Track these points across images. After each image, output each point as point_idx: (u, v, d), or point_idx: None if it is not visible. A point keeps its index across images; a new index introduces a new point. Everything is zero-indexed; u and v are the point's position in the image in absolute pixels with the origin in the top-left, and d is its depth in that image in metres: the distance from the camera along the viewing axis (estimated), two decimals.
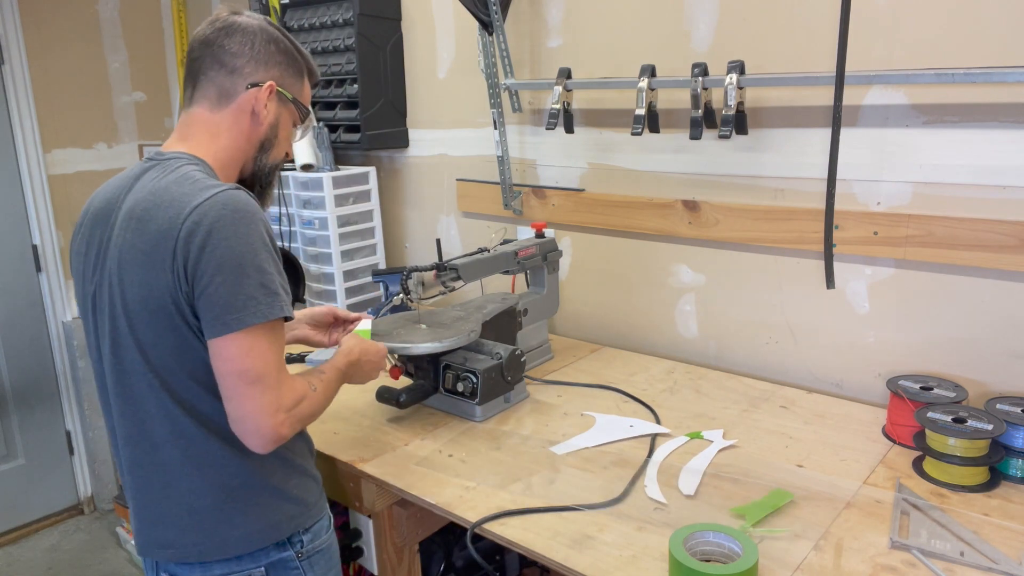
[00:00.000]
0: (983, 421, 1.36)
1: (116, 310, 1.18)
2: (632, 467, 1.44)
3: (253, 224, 1.15)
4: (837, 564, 1.13)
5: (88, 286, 1.25)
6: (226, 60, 1.25)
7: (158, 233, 1.14)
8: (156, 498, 1.23)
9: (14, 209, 3.00)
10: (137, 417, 1.21)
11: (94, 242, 1.24)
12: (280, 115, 1.32)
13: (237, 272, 1.12)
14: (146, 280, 1.14)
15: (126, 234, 1.18)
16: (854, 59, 1.53)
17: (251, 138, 1.30)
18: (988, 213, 1.51)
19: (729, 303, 1.93)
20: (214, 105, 1.26)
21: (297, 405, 1.19)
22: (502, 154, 2.21)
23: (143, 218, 1.16)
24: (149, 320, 1.15)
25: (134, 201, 1.20)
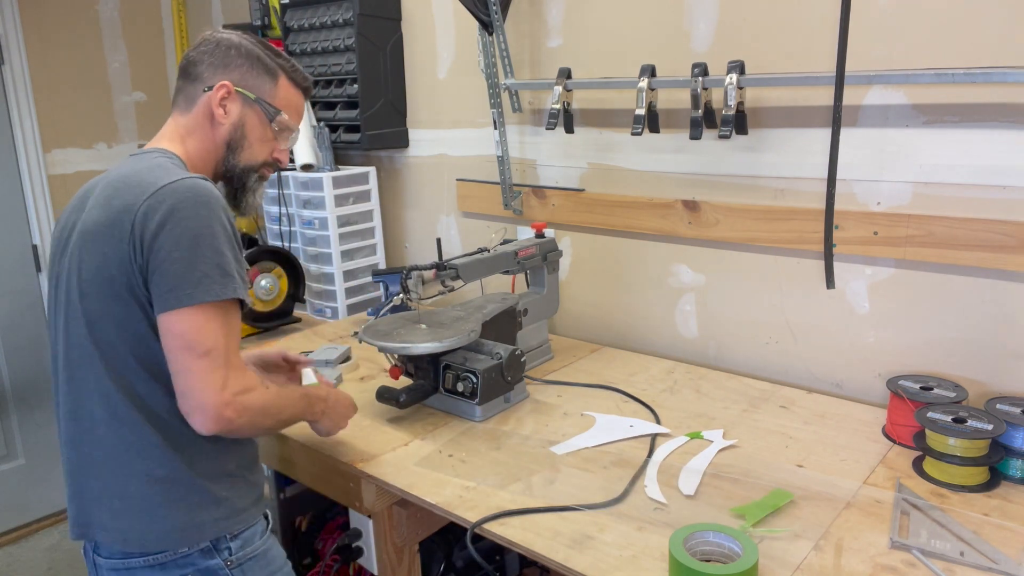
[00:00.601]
0: (983, 421, 1.37)
1: (71, 283, 1.23)
2: (632, 467, 1.44)
3: (213, 209, 1.19)
4: (837, 564, 1.13)
5: (54, 267, 1.30)
6: (189, 69, 1.36)
7: (120, 209, 1.18)
8: (91, 477, 1.25)
9: (14, 209, 3.00)
10: (79, 393, 1.24)
11: (67, 227, 1.28)
12: (244, 116, 1.36)
13: (194, 249, 1.15)
14: (102, 251, 1.18)
15: (92, 211, 1.23)
16: (854, 59, 1.53)
17: (216, 139, 1.35)
18: (988, 213, 1.51)
19: (729, 303, 1.93)
20: (182, 110, 1.36)
21: (246, 392, 1.19)
22: (502, 154, 2.22)
23: (109, 196, 1.22)
24: (98, 291, 1.19)
25: (104, 184, 1.26)
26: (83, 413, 1.24)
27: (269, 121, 1.39)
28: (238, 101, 1.35)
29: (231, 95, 1.34)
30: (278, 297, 2.38)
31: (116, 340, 1.20)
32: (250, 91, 1.36)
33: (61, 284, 1.26)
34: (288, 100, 1.41)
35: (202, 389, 1.15)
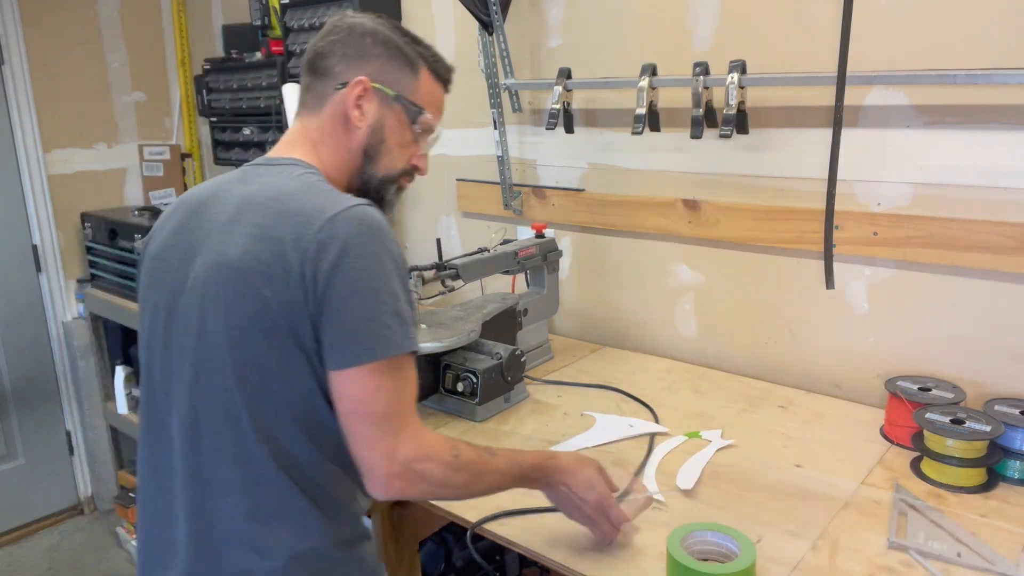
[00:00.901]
0: (981, 422, 1.36)
1: (208, 324, 1.02)
2: (631, 467, 1.44)
3: (386, 243, 1.02)
4: (834, 564, 1.13)
5: (162, 293, 1.09)
6: (318, 63, 1.16)
7: (282, 241, 1.00)
8: (211, 553, 1.05)
9: (14, 209, 3.00)
10: (208, 452, 1.04)
11: (180, 246, 1.09)
12: (383, 117, 1.16)
13: (372, 296, 0.99)
14: (260, 293, 1.00)
15: (235, 239, 1.03)
16: (855, 59, 1.52)
17: (351, 146, 1.16)
18: (988, 214, 1.51)
19: (728, 303, 1.93)
20: (311, 111, 1.17)
21: (422, 461, 1.02)
22: (502, 154, 2.22)
23: (260, 223, 1.03)
24: (257, 341, 1.01)
25: (242, 204, 1.06)
26: (210, 477, 1.04)
27: (411, 122, 1.18)
28: (375, 99, 1.15)
29: (368, 92, 1.14)
30: None
31: (275, 397, 1.02)
32: (389, 87, 1.15)
33: (186, 319, 1.05)
34: (430, 95, 1.21)
35: (370, 457, 1.00)
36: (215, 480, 1.04)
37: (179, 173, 3.35)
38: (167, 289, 1.09)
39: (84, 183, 3.15)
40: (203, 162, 3.49)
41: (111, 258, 2.94)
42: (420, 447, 1.02)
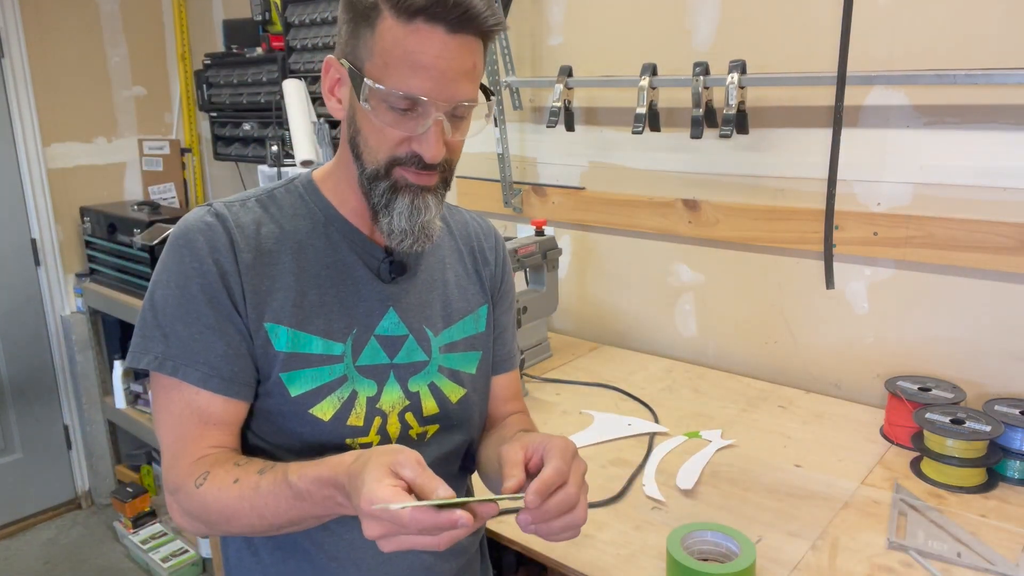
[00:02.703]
0: (981, 422, 1.37)
1: None
2: (630, 466, 1.44)
3: (173, 252, 0.96)
4: (834, 564, 1.14)
5: None
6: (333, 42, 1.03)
7: None
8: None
9: (13, 203, 2.99)
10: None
11: None
12: (352, 100, 0.93)
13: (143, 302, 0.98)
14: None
15: None
16: (855, 59, 1.53)
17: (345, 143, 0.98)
18: (988, 214, 1.51)
19: (728, 303, 1.93)
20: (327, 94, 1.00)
21: (172, 492, 0.94)
22: (502, 151, 2.21)
23: None
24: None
25: None
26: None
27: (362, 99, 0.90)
28: (347, 81, 0.92)
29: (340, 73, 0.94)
30: None
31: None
32: (350, 59, 0.91)
33: None
34: (399, 47, 0.86)
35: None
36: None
37: (179, 168, 3.34)
38: None
39: (83, 177, 3.15)
40: (203, 157, 3.48)
41: (110, 252, 2.93)
42: (179, 476, 0.93)
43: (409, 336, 1.05)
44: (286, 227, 1.00)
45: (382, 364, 1.02)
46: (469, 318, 1.12)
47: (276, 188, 1.04)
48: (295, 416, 0.97)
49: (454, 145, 0.98)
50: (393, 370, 1.03)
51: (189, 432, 0.94)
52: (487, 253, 1.19)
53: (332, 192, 1.03)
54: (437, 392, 1.06)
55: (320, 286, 0.99)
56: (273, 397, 0.97)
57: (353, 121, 0.94)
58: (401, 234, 0.96)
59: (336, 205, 1.02)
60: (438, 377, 1.07)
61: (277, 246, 0.99)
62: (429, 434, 1.06)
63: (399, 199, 0.95)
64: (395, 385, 1.03)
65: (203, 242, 0.95)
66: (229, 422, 0.96)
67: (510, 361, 1.20)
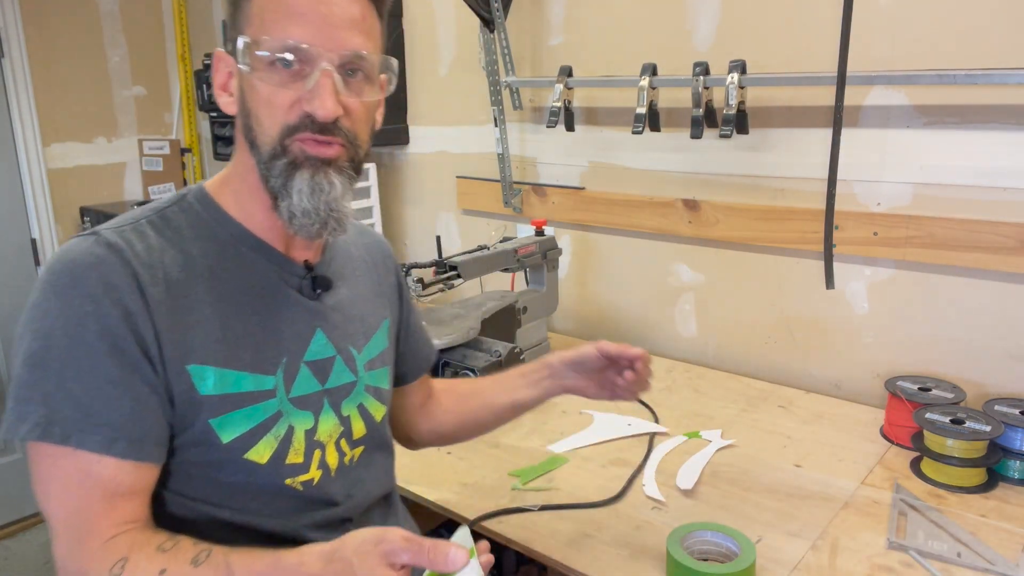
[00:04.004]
0: (981, 422, 1.37)
1: None
2: (630, 466, 1.44)
3: (55, 294, 0.83)
4: (834, 564, 1.14)
5: None
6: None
7: None
8: None
9: (13, 203, 2.99)
10: None
11: None
12: (242, 81, 0.87)
13: (15, 359, 0.85)
14: None
15: None
16: (855, 59, 1.53)
17: (242, 143, 0.91)
18: (988, 215, 1.51)
19: (728, 302, 1.93)
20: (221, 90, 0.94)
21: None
22: (502, 151, 2.21)
23: None
24: None
25: None
26: None
27: (242, 62, 0.84)
28: (234, 67, 0.86)
29: (222, 64, 0.89)
30: None
31: None
32: (231, 41, 0.85)
33: None
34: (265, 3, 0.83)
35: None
36: None
37: (179, 168, 3.34)
38: None
39: (83, 177, 3.15)
40: (203, 157, 3.48)
41: None
42: (81, 561, 0.79)
43: (337, 357, 0.97)
44: (191, 252, 0.87)
45: (315, 392, 0.94)
46: (380, 332, 1.07)
47: (166, 207, 0.91)
48: (228, 464, 0.87)
49: (352, 108, 0.87)
50: (327, 396, 0.96)
51: (92, 508, 0.80)
52: (387, 262, 1.16)
53: (234, 206, 0.92)
54: (365, 413, 1.01)
55: (242, 314, 0.88)
56: (200, 447, 0.86)
57: (244, 104, 0.86)
58: (304, 215, 0.85)
59: (241, 220, 0.91)
60: (365, 397, 1.02)
61: (186, 275, 0.86)
62: (356, 458, 1.01)
63: (298, 176, 0.85)
64: (330, 412, 0.96)
65: (96, 279, 0.81)
66: (140, 490, 0.83)
67: (435, 353, 1.25)
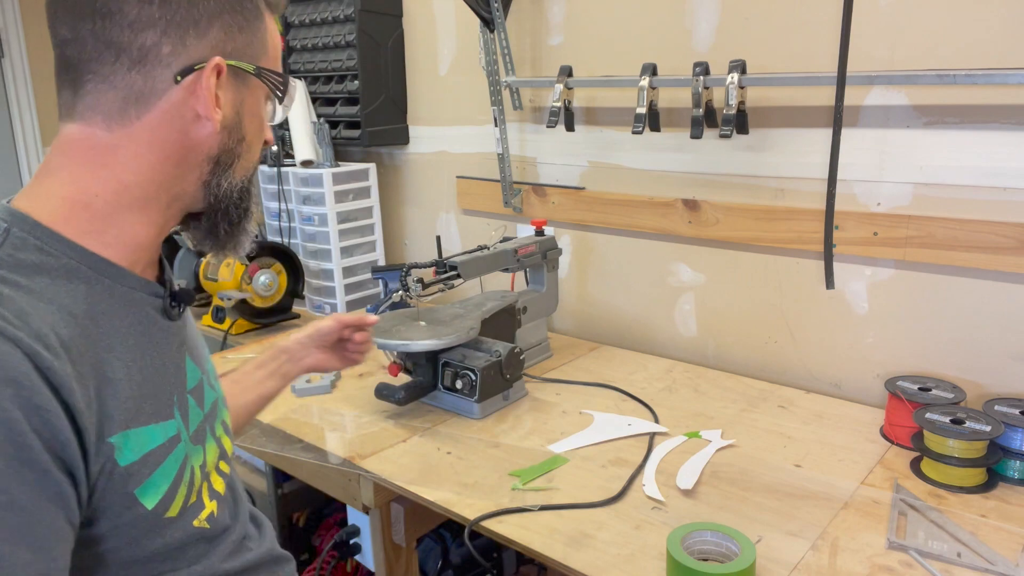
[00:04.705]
0: (981, 422, 1.37)
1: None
2: (630, 466, 1.44)
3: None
4: (834, 564, 1.14)
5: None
6: (124, 39, 0.74)
7: None
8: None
9: None
10: None
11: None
12: (241, 104, 0.82)
13: None
14: None
15: None
16: (855, 59, 1.53)
17: (188, 158, 0.80)
18: (988, 215, 1.51)
19: (728, 303, 1.93)
20: (114, 120, 0.76)
21: None
22: (502, 151, 2.21)
23: None
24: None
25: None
26: None
27: (280, 99, 0.86)
28: (228, 82, 0.80)
29: (223, 75, 0.79)
30: (277, 293, 2.38)
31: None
32: (245, 56, 0.81)
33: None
34: (275, 41, 0.85)
35: None
36: None
37: None
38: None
39: None
40: None
41: None
42: None
43: (203, 377, 0.90)
44: (62, 302, 0.72)
45: (201, 421, 0.87)
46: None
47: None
48: (150, 532, 0.77)
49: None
50: (207, 423, 0.88)
51: None
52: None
53: (81, 230, 0.76)
54: (226, 427, 0.95)
55: (132, 358, 0.77)
56: (118, 527, 0.74)
57: (239, 129, 0.83)
58: (247, 237, 0.88)
59: (92, 248, 0.76)
60: (223, 411, 0.95)
61: (74, 332, 0.71)
62: (228, 473, 0.95)
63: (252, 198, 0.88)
64: (210, 438, 0.89)
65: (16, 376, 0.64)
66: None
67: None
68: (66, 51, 0.75)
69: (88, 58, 0.74)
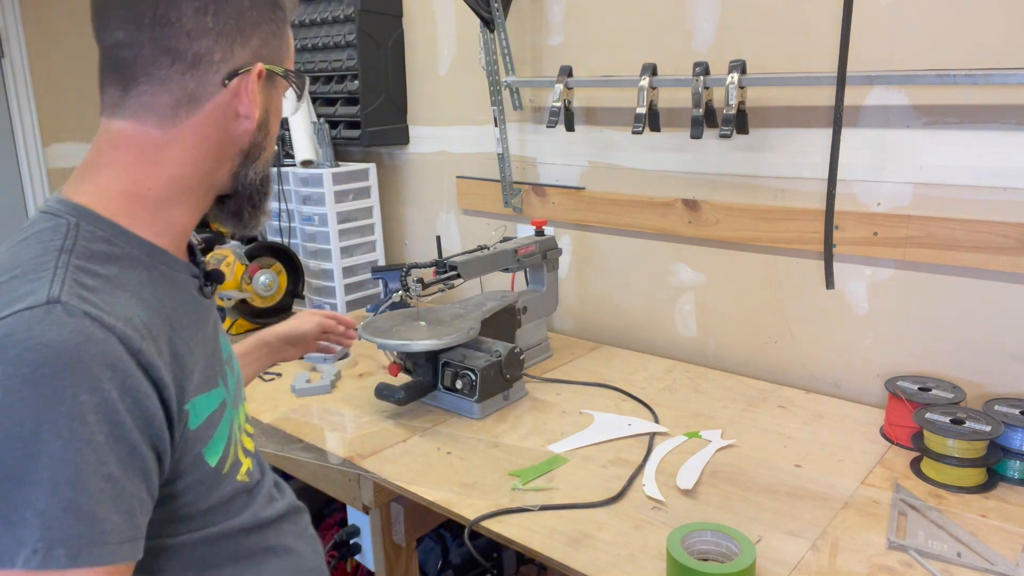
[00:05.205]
0: (981, 422, 1.37)
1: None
2: (630, 466, 1.44)
3: (32, 392, 0.67)
4: (834, 564, 1.14)
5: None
6: (181, 46, 0.80)
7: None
8: None
9: (13, 203, 3.00)
10: None
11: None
12: (270, 102, 0.91)
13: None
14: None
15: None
16: (855, 59, 1.53)
17: (226, 152, 0.89)
18: (988, 215, 1.51)
19: (728, 303, 1.93)
20: (166, 119, 0.83)
21: None
22: (502, 151, 2.21)
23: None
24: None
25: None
26: None
27: (299, 95, 0.96)
28: (264, 84, 0.89)
29: (261, 78, 0.87)
30: (277, 293, 2.38)
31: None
32: (277, 62, 0.90)
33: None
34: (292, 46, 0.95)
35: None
36: None
37: None
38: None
39: None
40: None
41: None
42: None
43: (230, 349, 1.02)
44: (131, 287, 0.80)
45: (234, 388, 0.97)
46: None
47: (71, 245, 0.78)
48: (211, 487, 0.89)
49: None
50: (237, 387, 0.99)
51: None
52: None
53: (137, 220, 0.84)
54: (240, 386, 1.03)
55: (189, 337, 0.86)
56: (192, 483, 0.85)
57: (267, 125, 0.92)
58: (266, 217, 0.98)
59: (147, 237, 0.84)
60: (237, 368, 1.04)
61: (149, 315, 0.79)
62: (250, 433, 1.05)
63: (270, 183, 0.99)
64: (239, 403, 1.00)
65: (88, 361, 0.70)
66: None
67: None
68: (120, 53, 0.81)
69: (145, 61, 0.81)
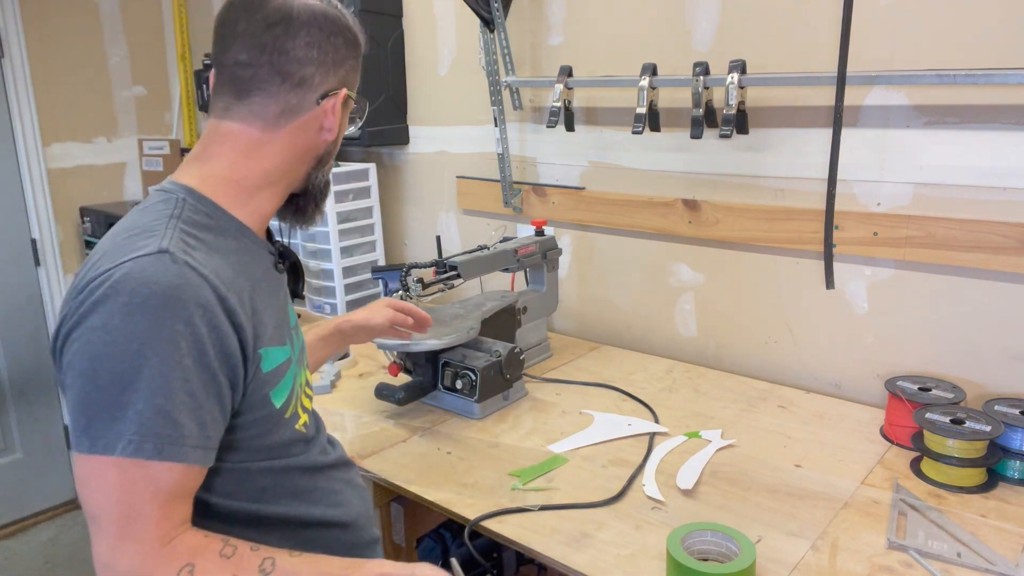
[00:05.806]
0: (981, 422, 1.37)
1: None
2: (630, 466, 1.44)
3: (158, 318, 0.87)
4: (834, 564, 1.14)
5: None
6: (292, 70, 1.01)
7: (63, 306, 0.93)
8: None
9: (13, 203, 2.99)
10: None
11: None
12: (344, 119, 1.12)
13: (91, 380, 0.87)
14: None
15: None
16: (855, 59, 1.53)
17: (307, 155, 1.08)
18: (988, 215, 1.51)
19: (728, 302, 1.93)
20: (269, 124, 1.03)
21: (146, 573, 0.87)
22: (502, 151, 2.21)
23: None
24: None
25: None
26: None
27: (360, 117, 1.18)
28: (343, 105, 1.10)
29: (344, 100, 1.09)
30: None
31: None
32: (351, 88, 1.12)
33: None
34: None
35: (94, 556, 0.88)
36: None
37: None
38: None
39: (83, 177, 3.14)
40: None
41: None
42: (143, 563, 0.87)
43: (297, 319, 1.19)
44: (223, 251, 1.00)
45: (299, 351, 1.14)
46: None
47: (179, 212, 0.98)
48: (273, 428, 1.05)
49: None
50: (301, 353, 1.16)
51: (153, 512, 0.88)
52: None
53: (234, 201, 1.04)
54: (303, 357, 1.18)
55: (265, 296, 1.04)
56: (259, 418, 1.02)
57: (338, 138, 1.11)
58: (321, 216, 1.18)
59: (238, 215, 1.04)
60: (302, 337, 1.21)
61: (235, 274, 0.99)
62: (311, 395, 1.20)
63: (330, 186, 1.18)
64: (302, 365, 1.16)
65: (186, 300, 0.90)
66: (193, 491, 0.94)
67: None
68: (238, 71, 1.01)
69: (261, 79, 1.01)
